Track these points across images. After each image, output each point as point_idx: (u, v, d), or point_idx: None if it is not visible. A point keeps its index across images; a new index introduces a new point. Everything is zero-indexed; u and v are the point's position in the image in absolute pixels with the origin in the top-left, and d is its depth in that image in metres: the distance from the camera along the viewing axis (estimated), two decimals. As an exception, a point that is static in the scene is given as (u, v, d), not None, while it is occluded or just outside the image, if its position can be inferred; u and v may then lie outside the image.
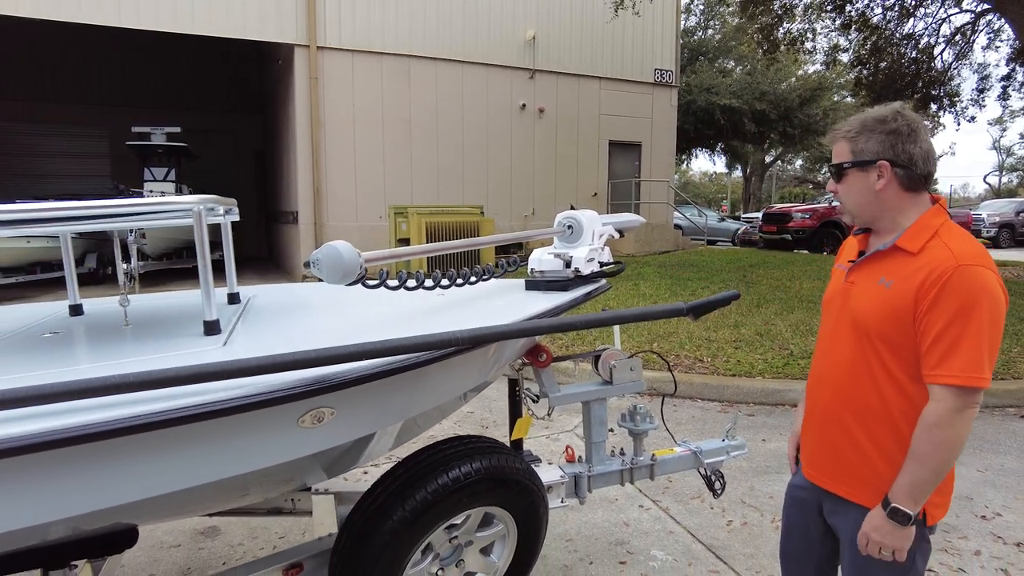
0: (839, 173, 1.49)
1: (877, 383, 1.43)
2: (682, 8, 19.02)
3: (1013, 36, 12.30)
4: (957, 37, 14.14)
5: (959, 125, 20.92)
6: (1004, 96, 15.42)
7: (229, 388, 1.20)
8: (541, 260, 2.38)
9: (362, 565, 1.71)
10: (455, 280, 1.96)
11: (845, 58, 15.82)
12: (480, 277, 2.11)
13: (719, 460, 2.63)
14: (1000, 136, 48.16)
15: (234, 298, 2.32)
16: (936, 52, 14.32)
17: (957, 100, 15.41)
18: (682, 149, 27.92)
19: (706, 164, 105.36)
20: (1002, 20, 12.41)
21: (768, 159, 36.63)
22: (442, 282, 1.89)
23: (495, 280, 2.63)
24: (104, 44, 15.90)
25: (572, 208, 2.69)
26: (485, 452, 1.88)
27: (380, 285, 1.69)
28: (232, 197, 1.97)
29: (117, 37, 11.95)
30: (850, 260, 1.56)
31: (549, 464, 2.46)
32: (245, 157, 18.76)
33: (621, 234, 2.60)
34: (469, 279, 2.05)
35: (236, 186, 17.40)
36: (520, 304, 2.06)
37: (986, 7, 12.46)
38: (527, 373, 2.51)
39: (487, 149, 13.80)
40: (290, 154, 12.62)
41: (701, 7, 28.13)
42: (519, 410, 2.47)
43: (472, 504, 1.85)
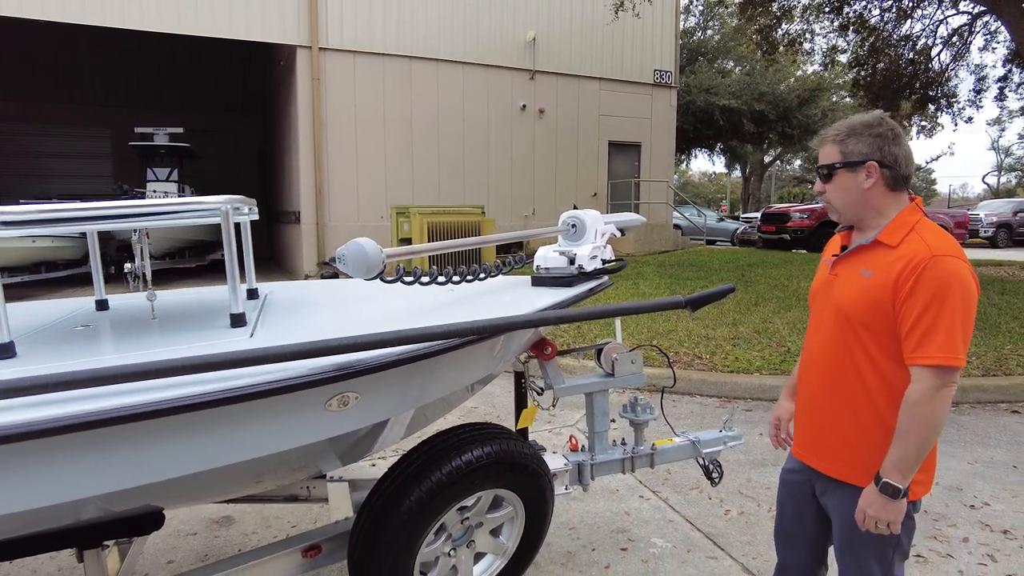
0: (829, 174, 1.60)
1: (859, 367, 1.55)
2: (681, 9, 19.12)
3: (1009, 38, 12.40)
4: (954, 38, 14.23)
5: (956, 125, 21.06)
6: (1001, 97, 15.54)
7: (268, 372, 1.30)
8: (547, 257, 2.49)
9: (380, 543, 1.81)
10: (465, 276, 2.07)
11: (843, 59, 15.94)
12: (488, 274, 2.22)
13: (717, 450, 2.74)
14: (999, 136, 48.36)
15: (253, 294, 2.42)
16: (933, 53, 14.43)
17: (954, 101, 15.53)
18: (681, 149, 28.02)
19: (705, 164, 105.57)
20: (998, 22, 12.52)
21: (767, 159, 36.73)
22: (453, 278, 2.00)
23: (501, 277, 2.74)
24: (107, 45, 16.00)
25: (575, 208, 2.80)
26: (495, 437, 1.99)
27: (397, 280, 1.79)
28: None
29: (120, 38, 12.05)
30: (834, 255, 1.68)
31: (553, 453, 2.56)
32: (247, 157, 18.85)
33: (623, 232, 2.71)
34: (479, 275, 2.16)
35: (238, 186, 17.43)
36: (527, 299, 2.17)
37: (982, 9, 12.57)
38: (532, 369, 2.62)
39: (488, 149, 13.90)
40: (292, 154, 12.71)
41: (700, 8, 28.23)
42: (525, 401, 2.57)
43: (483, 486, 1.96)
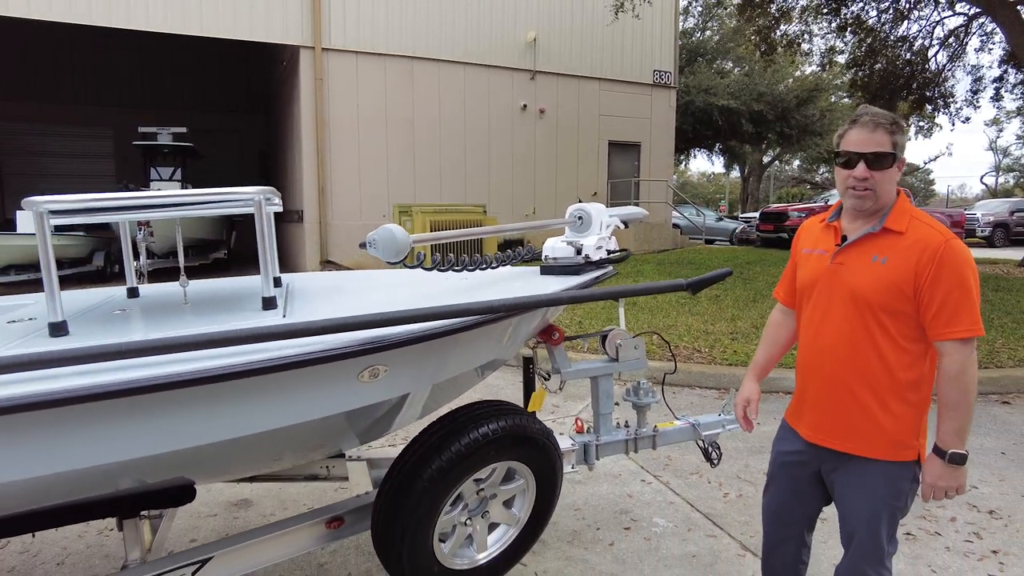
0: (887, 161, 1.60)
1: (879, 348, 1.64)
2: (680, 10, 19.27)
3: (1004, 39, 12.56)
4: (951, 39, 14.41)
5: (953, 126, 21.26)
6: (997, 97, 15.70)
7: (308, 344, 1.43)
8: (555, 248, 2.62)
9: (404, 510, 1.94)
10: (479, 264, 2.21)
11: (841, 60, 16.10)
12: (501, 263, 2.36)
13: (715, 432, 2.87)
14: (997, 137, 48.62)
15: (276, 282, 2.55)
16: (930, 54, 14.60)
17: (951, 101, 15.70)
18: (680, 149, 28.14)
19: (704, 164, 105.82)
20: (994, 23, 12.67)
21: (766, 159, 36.86)
22: (468, 266, 2.14)
23: (509, 267, 2.88)
24: (110, 45, 16.11)
25: (580, 201, 2.94)
26: (509, 413, 2.13)
27: (418, 266, 1.93)
28: None
29: (123, 38, 12.15)
30: (836, 244, 1.74)
31: (560, 435, 2.69)
32: (249, 157, 18.98)
33: (626, 225, 2.84)
34: (491, 264, 2.29)
35: (240, 185, 17.53)
36: (537, 286, 2.30)
37: (978, 10, 12.72)
38: (541, 356, 2.75)
39: (489, 149, 14.03)
40: (295, 154, 12.83)
41: (699, 9, 28.37)
42: (533, 384, 2.71)
43: (498, 458, 2.09)
